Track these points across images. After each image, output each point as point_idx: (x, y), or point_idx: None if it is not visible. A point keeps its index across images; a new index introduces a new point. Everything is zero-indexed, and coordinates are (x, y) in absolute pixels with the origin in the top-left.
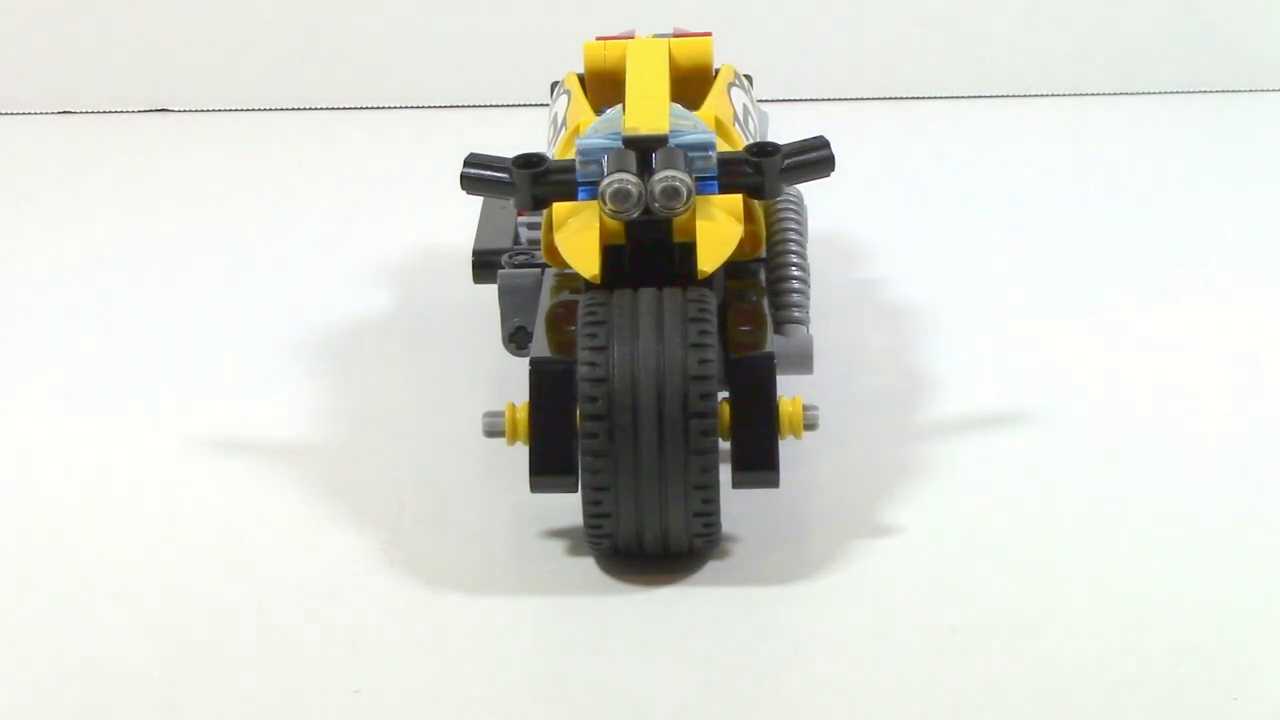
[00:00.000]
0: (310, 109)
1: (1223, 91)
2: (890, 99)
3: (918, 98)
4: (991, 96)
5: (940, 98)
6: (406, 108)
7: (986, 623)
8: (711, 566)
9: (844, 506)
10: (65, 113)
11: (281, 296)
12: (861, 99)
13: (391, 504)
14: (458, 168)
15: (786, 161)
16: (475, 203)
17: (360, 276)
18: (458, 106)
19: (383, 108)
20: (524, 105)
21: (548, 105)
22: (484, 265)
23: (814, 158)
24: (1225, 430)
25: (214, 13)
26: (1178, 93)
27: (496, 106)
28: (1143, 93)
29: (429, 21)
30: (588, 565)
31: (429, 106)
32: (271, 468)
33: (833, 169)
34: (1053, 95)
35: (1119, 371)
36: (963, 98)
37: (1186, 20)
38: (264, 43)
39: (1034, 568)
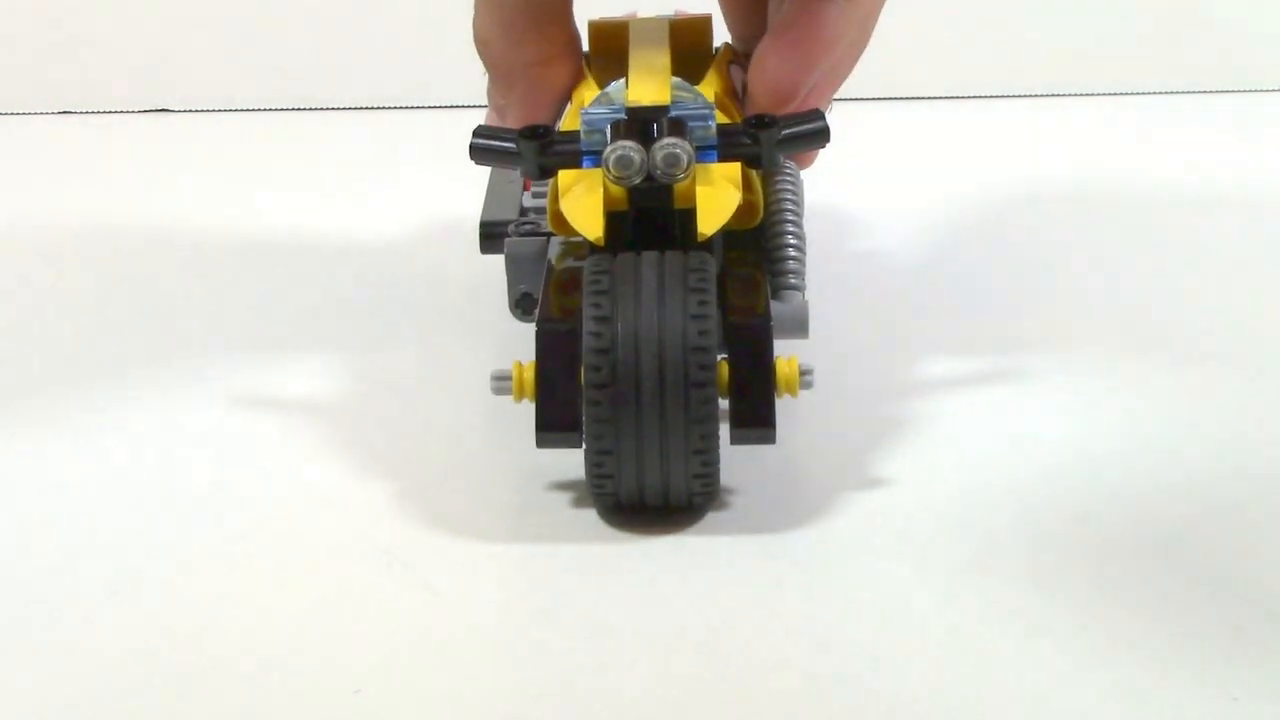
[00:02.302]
0: (310, 109)
1: (1223, 91)
2: (890, 99)
3: (918, 98)
4: (992, 96)
5: (940, 98)
6: (406, 108)
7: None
8: (711, 518)
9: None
10: (65, 113)
11: (281, 294)
12: (862, 99)
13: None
14: (458, 168)
15: (784, 133)
16: (477, 193)
17: (362, 268)
18: (458, 106)
19: (383, 108)
20: None
21: None
22: (491, 236)
23: (810, 129)
24: (1221, 416)
25: (214, 13)
26: (1178, 93)
27: None
28: (1143, 93)
29: (429, 22)
30: (591, 516)
31: (429, 106)
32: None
33: (828, 140)
34: (1053, 95)
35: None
36: (963, 98)
37: (1186, 20)
38: (264, 43)
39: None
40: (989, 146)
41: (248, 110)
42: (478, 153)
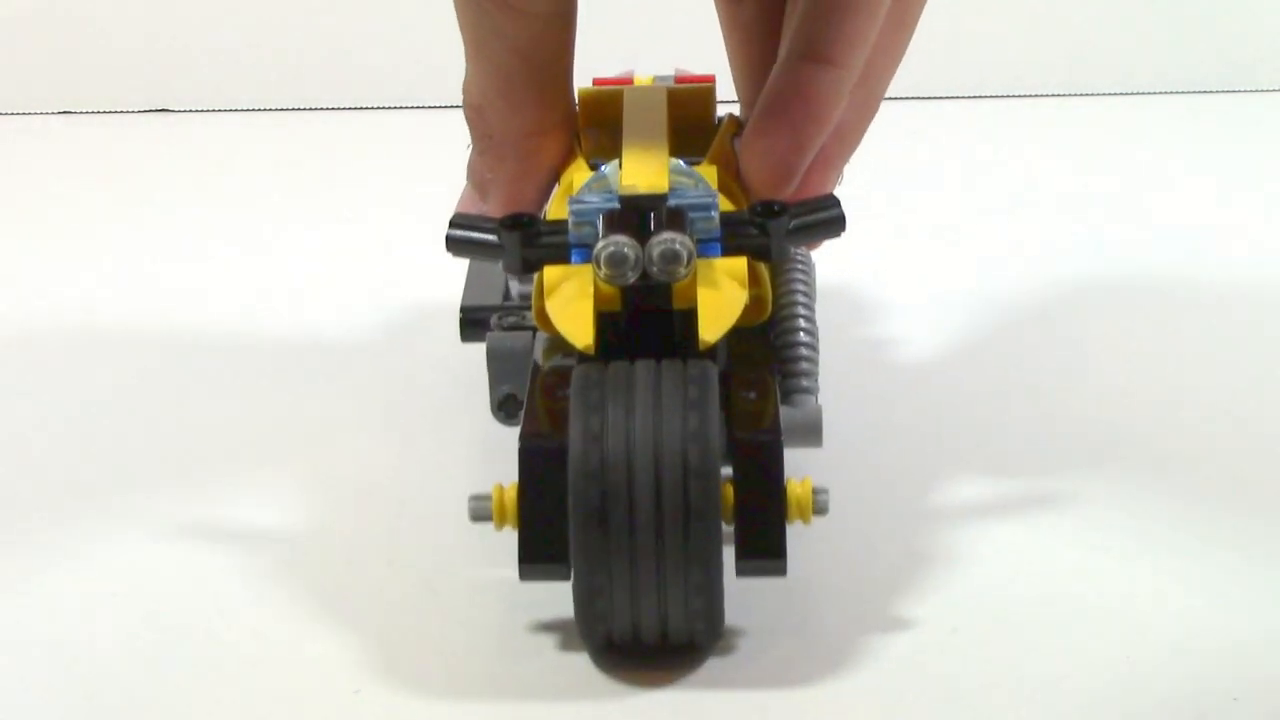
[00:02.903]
0: (310, 109)
1: (1223, 91)
2: (890, 99)
3: (918, 98)
4: (991, 96)
5: (940, 98)
6: (406, 108)
7: None
8: (713, 663)
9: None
10: (65, 113)
11: (282, 293)
12: None
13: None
14: (458, 168)
15: (794, 222)
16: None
17: (359, 282)
18: (458, 106)
19: (383, 108)
20: None
21: None
22: (472, 324)
23: (823, 218)
24: (1221, 425)
25: (214, 13)
26: (1178, 93)
27: None
28: (1143, 93)
29: (429, 22)
30: (580, 662)
31: (429, 107)
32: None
33: (844, 229)
34: (1053, 95)
35: (1125, 386)
36: (963, 98)
37: (1186, 20)
38: (264, 43)
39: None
40: (989, 147)
41: (248, 110)
42: (455, 245)
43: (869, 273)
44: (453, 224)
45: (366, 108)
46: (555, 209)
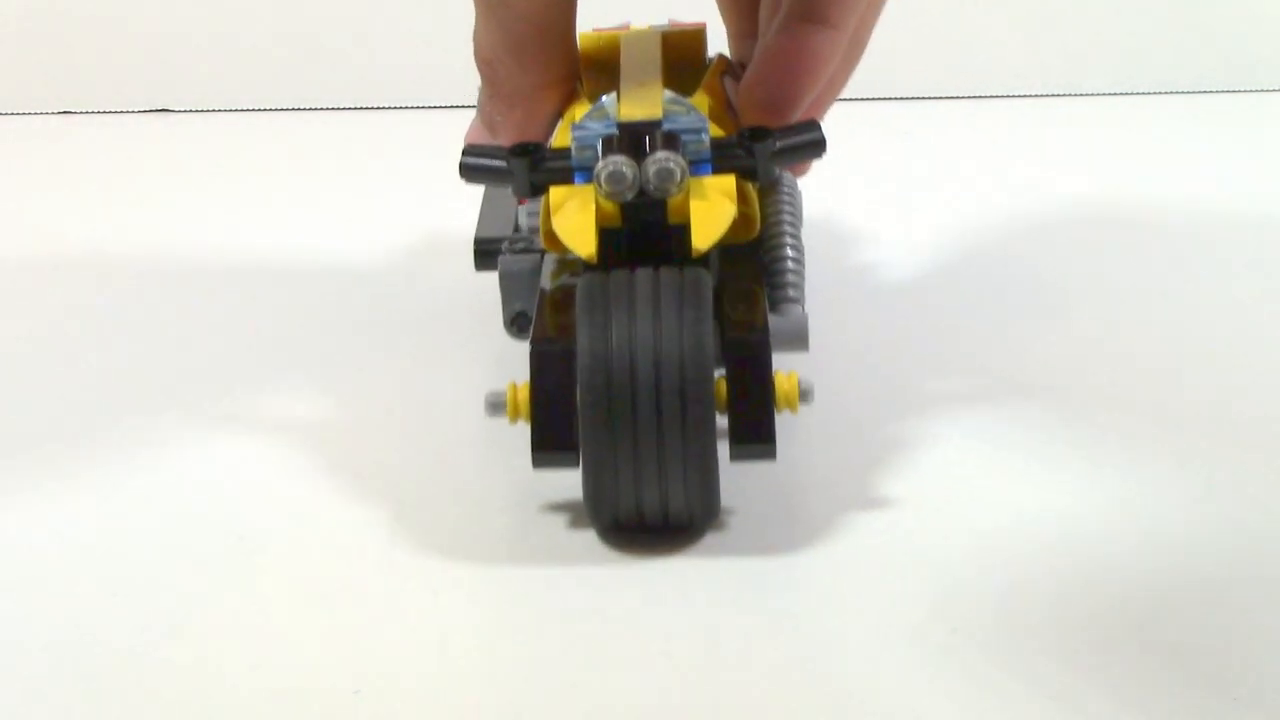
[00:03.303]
0: (310, 109)
1: (1223, 91)
2: (891, 99)
3: (918, 98)
4: (991, 96)
5: (940, 98)
6: (406, 108)
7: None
8: (711, 538)
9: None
10: (65, 113)
11: (282, 293)
12: (862, 99)
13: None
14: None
15: (778, 144)
16: (474, 201)
17: (362, 271)
18: (458, 107)
19: (383, 108)
20: None
21: None
22: (485, 253)
23: (805, 140)
24: (1222, 421)
25: (214, 13)
26: (1178, 93)
27: None
28: (1143, 93)
29: (429, 22)
30: (589, 537)
31: (429, 107)
32: (278, 455)
33: (824, 151)
34: (1053, 95)
35: (1113, 357)
36: (963, 98)
37: (1186, 20)
38: (264, 43)
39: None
40: (989, 147)
41: (248, 110)
42: (468, 171)
43: (865, 259)
44: (465, 153)
45: (367, 108)
46: (559, 138)
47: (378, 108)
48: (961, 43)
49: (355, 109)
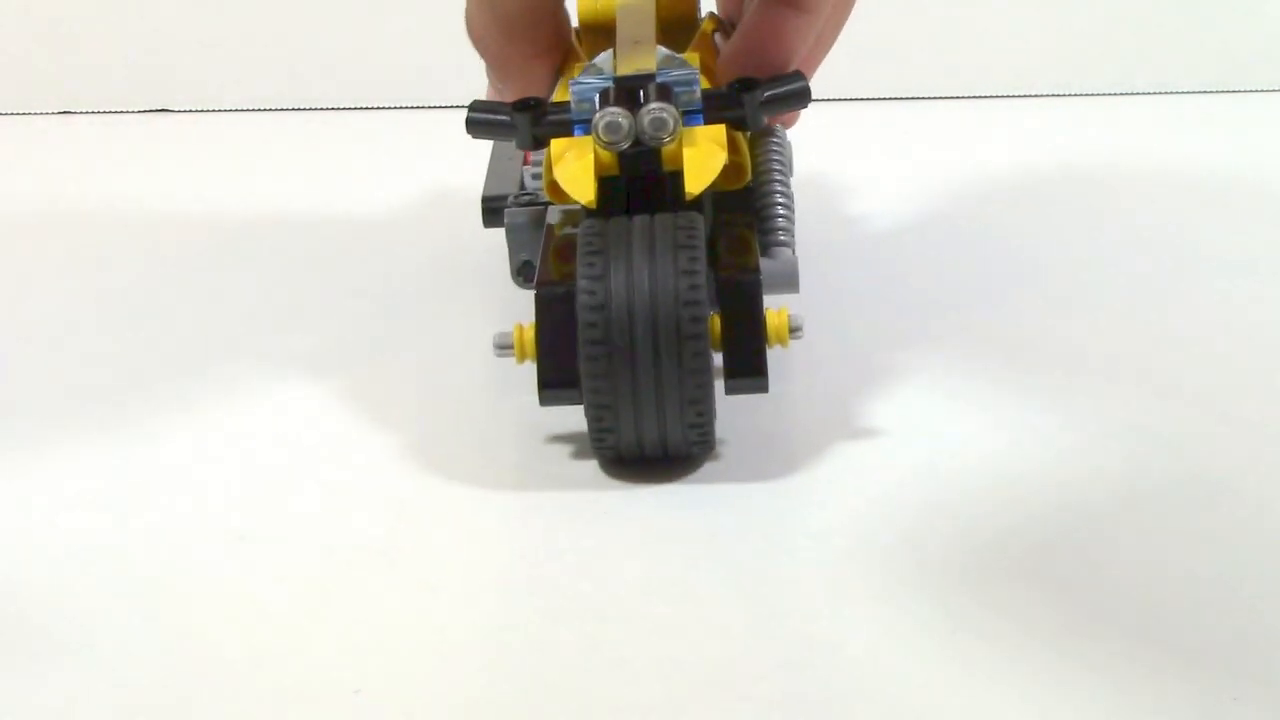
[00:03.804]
0: (310, 109)
1: (1223, 91)
2: (890, 99)
3: (918, 98)
4: (991, 97)
5: (940, 98)
6: (406, 108)
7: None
8: (708, 467)
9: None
10: (65, 113)
11: (283, 294)
12: (862, 99)
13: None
14: (458, 168)
15: (766, 94)
16: (472, 202)
17: (365, 258)
18: (458, 107)
19: (383, 108)
20: None
21: None
22: (492, 210)
23: (791, 89)
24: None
25: (214, 13)
26: (1178, 93)
27: None
28: (1143, 93)
29: (429, 22)
30: (592, 467)
31: (429, 107)
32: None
33: (809, 101)
34: (1053, 95)
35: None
36: (963, 98)
37: (1186, 20)
38: (264, 43)
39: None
40: (988, 146)
41: (248, 110)
42: (474, 126)
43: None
44: (472, 109)
45: (366, 108)
46: (559, 94)
47: (378, 108)
48: (961, 43)
49: (355, 109)
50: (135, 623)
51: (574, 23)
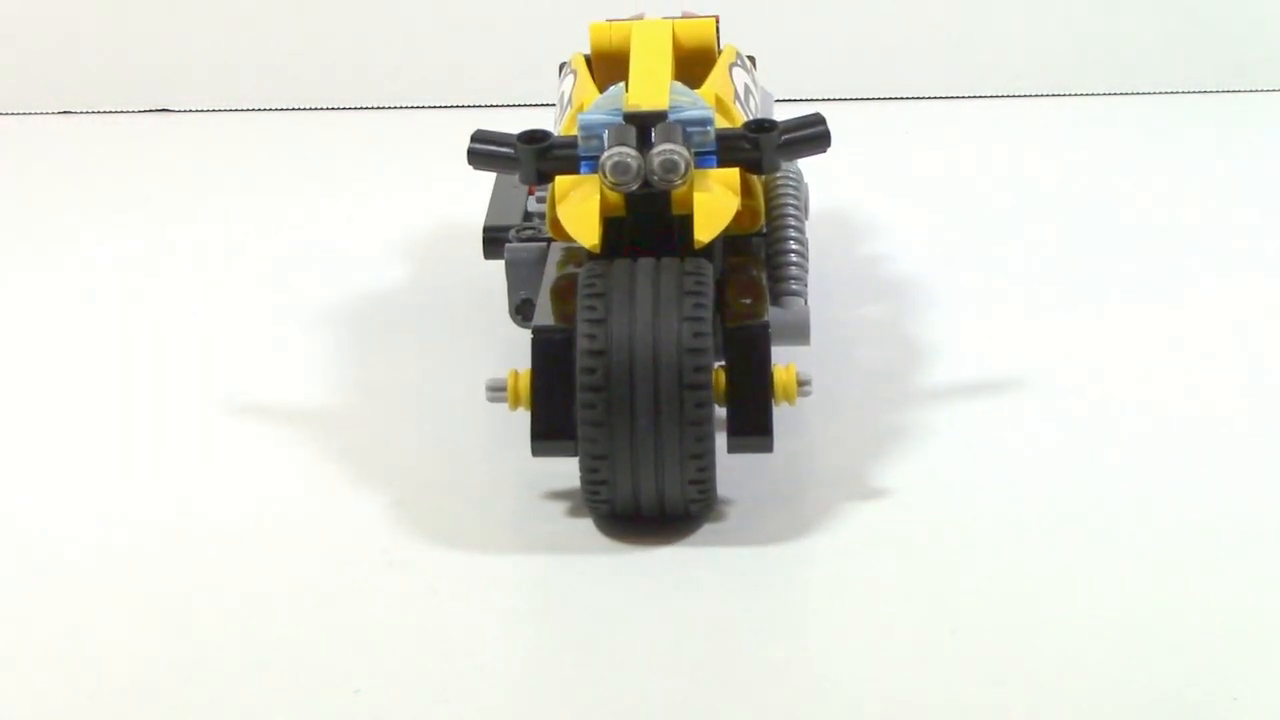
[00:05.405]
0: (310, 109)
1: (1223, 91)
2: (890, 99)
3: (918, 98)
4: (991, 97)
5: (940, 98)
6: (406, 108)
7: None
8: (707, 529)
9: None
10: (65, 113)
11: (284, 293)
12: (862, 99)
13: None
14: (460, 170)
15: (783, 137)
16: (478, 201)
17: (364, 267)
18: (458, 106)
19: (383, 108)
20: (525, 105)
21: (552, 105)
22: (494, 241)
23: (810, 134)
24: (1222, 420)
25: (214, 13)
26: (1178, 93)
27: (497, 106)
28: (1143, 93)
29: (428, 21)
30: (587, 526)
31: (429, 106)
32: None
33: (828, 145)
34: (1053, 95)
35: (1113, 354)
36: (963, 98)
37: (1186, 20)
38: (264, 43)
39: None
40: (989, 147)
41: (248, 110)
42: (475, 157)
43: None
44: (474, 139)
45: (366, 108)
46: (566, 126)
47: (378, 108)
48: (961, 43)
49: (355, 109)
50: (135, 622)
51: (586, 50)
